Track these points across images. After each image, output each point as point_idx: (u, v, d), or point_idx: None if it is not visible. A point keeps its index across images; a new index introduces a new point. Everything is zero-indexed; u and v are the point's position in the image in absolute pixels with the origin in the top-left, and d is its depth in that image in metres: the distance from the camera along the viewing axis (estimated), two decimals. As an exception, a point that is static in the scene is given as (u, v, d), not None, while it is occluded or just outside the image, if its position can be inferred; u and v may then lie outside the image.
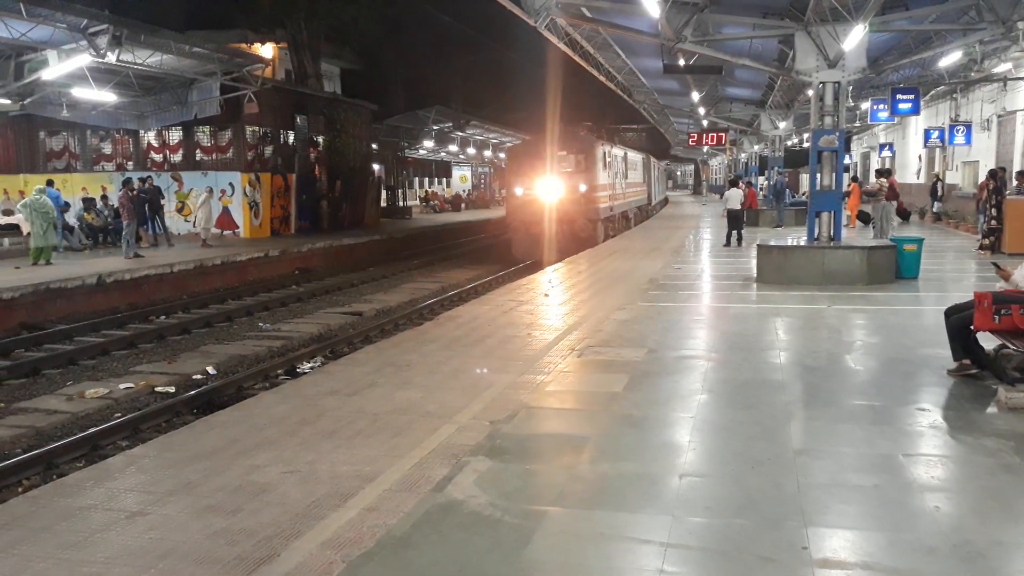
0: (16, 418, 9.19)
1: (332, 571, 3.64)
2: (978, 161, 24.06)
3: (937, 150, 27.76)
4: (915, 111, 23.34)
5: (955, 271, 14.56)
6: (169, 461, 5.20)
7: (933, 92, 26.18)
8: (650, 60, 23.12)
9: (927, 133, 26.74)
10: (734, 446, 5.27)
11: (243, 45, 28.54)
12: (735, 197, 20.30)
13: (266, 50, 30.68)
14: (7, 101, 20.90)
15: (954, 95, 25.61)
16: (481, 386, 6.84)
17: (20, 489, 6.97)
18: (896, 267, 12.80)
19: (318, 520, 4.18)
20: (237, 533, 4.05)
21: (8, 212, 22.01)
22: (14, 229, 20.00)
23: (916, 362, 7.43)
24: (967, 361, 6.75)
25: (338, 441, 5.47)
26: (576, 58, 22.60)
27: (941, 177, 27.00)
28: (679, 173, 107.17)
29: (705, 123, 37.75)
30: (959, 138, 24.81)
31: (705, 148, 48.55)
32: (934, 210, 25.90)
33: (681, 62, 19.47)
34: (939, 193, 25.98)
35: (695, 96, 29.70)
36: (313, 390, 6.97)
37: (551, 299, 11.74)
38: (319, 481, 4.74)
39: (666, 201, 52.83)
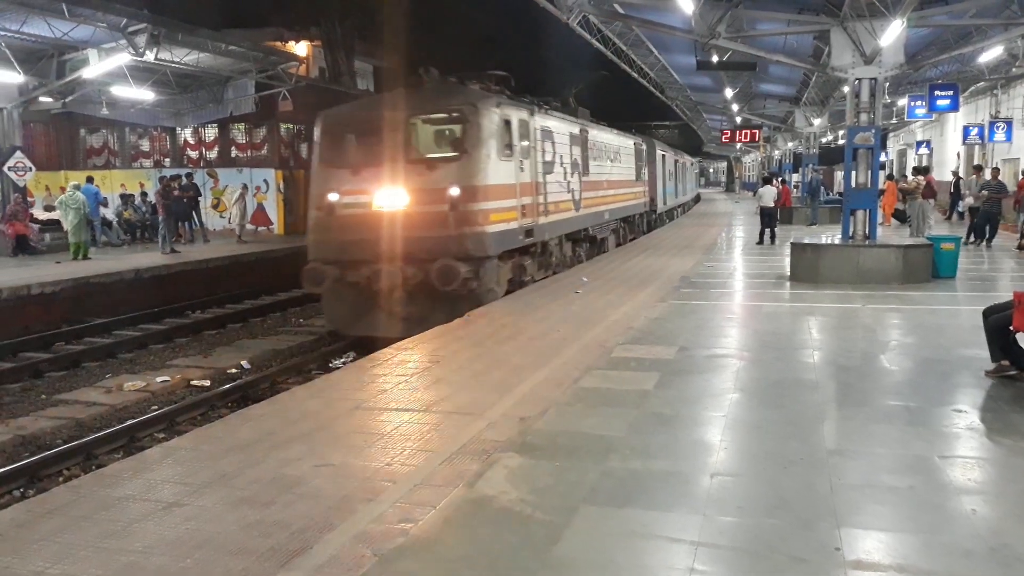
0: (57, 409, 9.42)
1: (364, 565, 3.67)
2: (1019, 158, 23.57)
3: (976, 147, 27.24)
4: (954, 107, 22.94)
5: (994, 270, 14.29)
6: (205, 453, 5.28)
7: (973, 88, 25.69)
8: (683, 56, 22.97)
9: (966, 130, 26.24)
10: (766, 445, 5.23)
11: (278, 43, 28.80)
12: (769, 194, 20.11)
13: (300, 48, 30.92)
14: (49, 99, 21.36)
15: (994, 91, 25.10)
16: (511, 382, 6.85)
17: (61, 479, 7.15)
18: (933, 266, 12.60)
19: (350, 514, 4.22)
20: (271, 525, 4.11)
21: (50, 208, 22.48)
22: (56, 225, 20.41)
23: (953, 363, 7.32)
24: (1006, 362, 6.63)
25: (369, 437, 5.52)
26: (609, 54, 22.50)
27: (962, 175, 26.45)
28: (712, 170, 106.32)
29: (738, 120, 37.39)
30: (999, 135, 24.34)
31: (738, 145, 48.07)
32: (959, 210, 25.34)
33: (714, 58, 19.32)
34: (962, 192, 25.43)
35: (728, 92, 29.43)
36: (346, 385, 7.04)
37: (581, 296, 11.71)
38: (352, 475, 4.78)
39: (698, 198, 52.41)
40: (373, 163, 11.41)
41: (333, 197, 11.48)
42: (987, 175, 18.70)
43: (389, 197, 11.26)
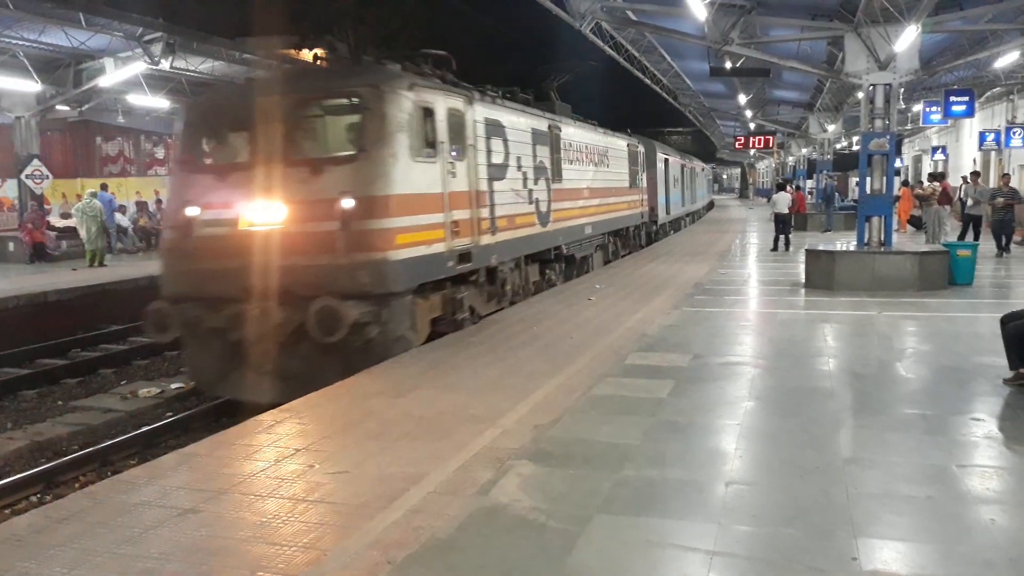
0: (73, 416, 9.48)
1: (378, 572, 3.67)
2: (1036, 164, 23.41)
3: (993, 153, 27.04)
4: (969, 113, 22.81)
5: (1011, 278, 14.17)
6: (219, 460, 5.30)
7: (988, 93, 25.55)
8: (696, 63, 22.95)
9: (982, 136, 26.09)
10: (782, 454, 5.20)
11: (292, 51, 28.99)
12: (783, 201, 20.04)
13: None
14: (66, 108, 21.61)
15: (1011, 96, 24.92)
16: (525, 390, 6.84)
17: (77, 485, 7.18)
18: (949, 273, 12.51)
19: (365, 521, 4.23)
20: (286, 531, 4.12)
21: (66, 215, 22.69)
22: (72, 232, 20.61)
23: (970, 371, 7.25)
24: (1024, 370, 6.57)
25: (384, 443, 5.53)
26: (621, 61, 22.51)
27: (969, 180, 26.22)
28: (725, 176, 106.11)
29: (752, 126, 37.36)
30: (1016, 140, 24.17)
31: (752, 151, 48.03)
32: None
33: (728, 65, 19.32)
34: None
35: (742, 99, 29.40)
36: (359, 392, 7.06)
37: (595, 303, 11.70)
38: (366, 482, 4.79)
39: (712, 205, 52.33)
40: (243, 166, 8.65)
41: (191, 212, 8.62)
42: (994, 182, 18.53)
43: (261, 212, 8.37)
